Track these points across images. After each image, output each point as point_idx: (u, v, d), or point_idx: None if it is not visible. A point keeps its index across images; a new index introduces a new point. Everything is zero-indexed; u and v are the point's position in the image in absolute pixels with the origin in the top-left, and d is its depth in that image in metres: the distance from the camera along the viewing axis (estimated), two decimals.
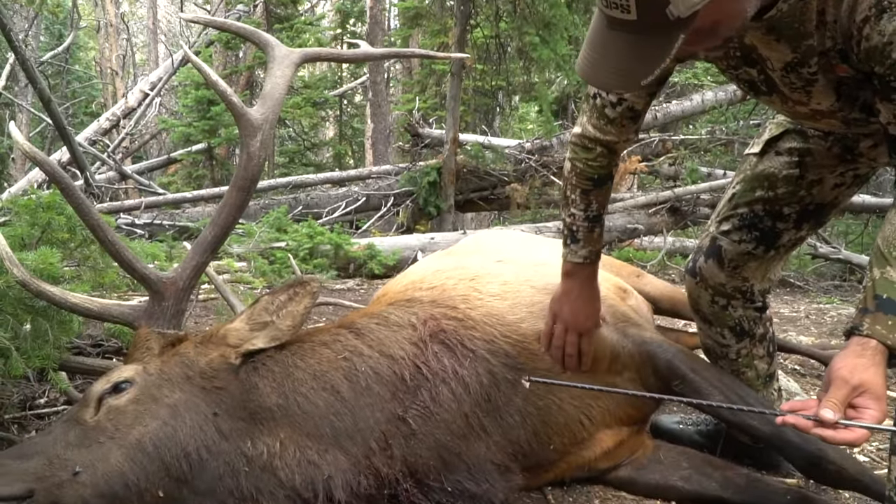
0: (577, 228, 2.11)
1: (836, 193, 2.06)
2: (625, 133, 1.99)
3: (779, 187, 2.06)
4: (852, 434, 1.40)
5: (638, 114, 1.95)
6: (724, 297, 2.18)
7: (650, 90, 1.92)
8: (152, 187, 11.10)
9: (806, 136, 2.03)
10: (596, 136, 1.99)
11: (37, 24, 14.53)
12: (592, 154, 2.02)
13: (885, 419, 1.44)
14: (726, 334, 2.24)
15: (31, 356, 2.05)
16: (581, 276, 2.11)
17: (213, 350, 1.86)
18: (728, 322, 2.21)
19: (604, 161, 2.03)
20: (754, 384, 2.28)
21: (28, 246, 2.47)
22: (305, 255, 6.37)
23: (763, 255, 2.12)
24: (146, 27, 23.30)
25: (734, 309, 2.19)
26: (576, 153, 2.05)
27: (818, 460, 1.93)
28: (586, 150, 2.03)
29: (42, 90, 8.28)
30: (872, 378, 1.43)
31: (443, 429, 1.88)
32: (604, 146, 2.00)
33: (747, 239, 2.11)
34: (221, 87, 2.04)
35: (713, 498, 2.07)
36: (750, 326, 2.22)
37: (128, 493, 1.65)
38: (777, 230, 2.09)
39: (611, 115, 1.95)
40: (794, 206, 2.06)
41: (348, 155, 18.50)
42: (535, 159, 9.52)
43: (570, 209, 2.12)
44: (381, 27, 14.58)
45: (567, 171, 2.11)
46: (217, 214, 2.07)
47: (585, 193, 2.09)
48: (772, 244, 2.11)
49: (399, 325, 2.01)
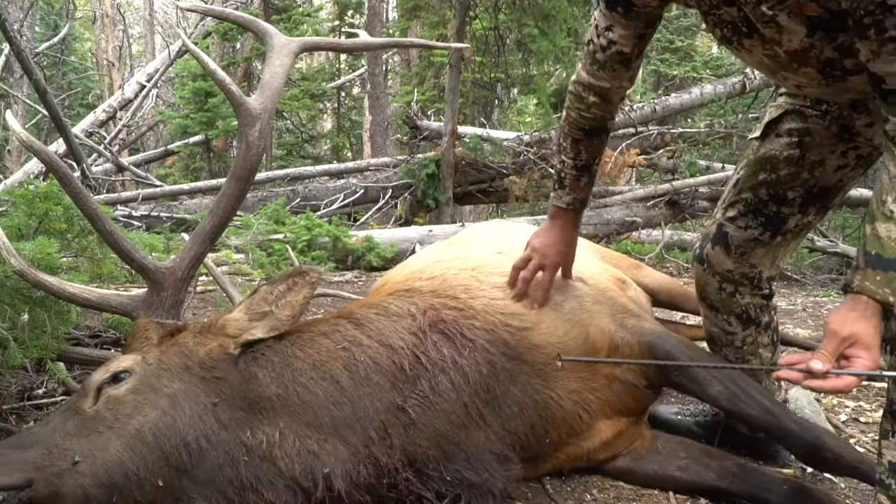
0: (565, 175, 2.19)
1: (839, 175, 2.04)
2: (616, 79, 2.03)
3: (781, 169, 2.05)
4: (842, 381, 1.46)
5: (627, 58, 1.98)
6: (732, 284, 2.18)
7: (637, 33, 1.94)
8: (149, 179, 11.09)
9: (804, 117, 2.02)
10: (589, 81, 2.05)
11: (32, 14, 14.47)
12: (586, 104, 2.08)
13: (876, 368, 1.48)
14: (733, 321, 2.24)
15: (28, 346, 2.05)
16: (563, 219, 2.22)
17: (212, 340, 1.85)
18: (735, 309, 2.21)
19: (597, 112, 2.08)
20: (758, 374, 2.28)
21: (25, 236, 2.46)
22: (304, 247, 6.37)
23: (770, 240, 2.11)
24: (143, 18, 23.23)
25: (741, 296, 2.19)
26: (571, 102, 2.12)
27: (816, 448, 1.94)
28: (580, 99, 2.09)
29: (38, 81, 8.24)
30: (863, 329, 1.48)
31: (442, 418, 1.88)
32: (597, 94, 2.05)
33: (753, 225, 2.10)
34: (220, 76, 2.03)
35: (711, 488, 2.08)
36: (756, 314, 2.23)
37: (127, 482, 1.65)
38: (782, 215, 2.08)
39: (601, 60, 1.99)
40: (798, 190, 2.05)
41: (346, 147, 18.49)
42: (534, 152, 9.50)
43: (561, 156, 2.21)
44: (380, 19, 14.54)
45: (562, 119, 2.19)
46: (216, 204, 2.07)
47: (576, 143, 2.15)
48: (778, 229, 2.10)
49: (398, 314, 2.01)
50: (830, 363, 1.48)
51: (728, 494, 2.06)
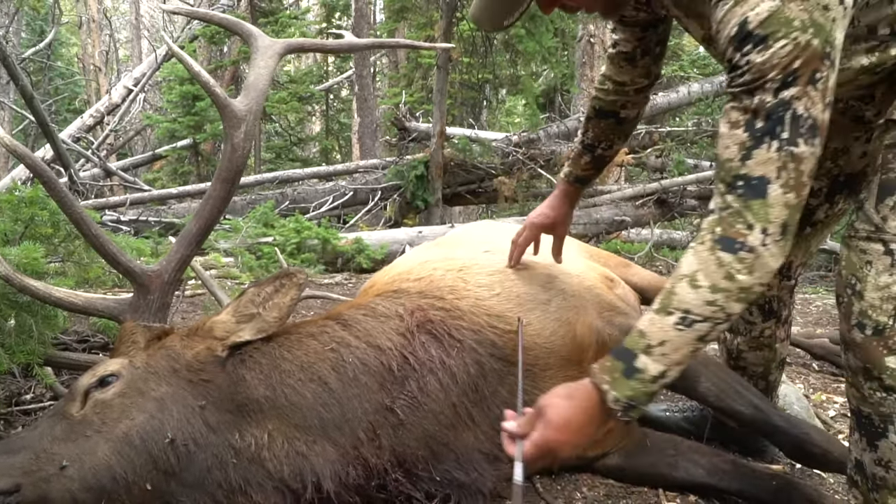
0: (573, 150, 2.34)
1: (865, 162, 1.96)
2: (626, 73, 2.13)
3: None
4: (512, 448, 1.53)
5: (631, 56, 2.10)
6: None
7: (636, 35, 2.06)
8: (137, 184, 11.04)
9: None
10: (607, 72, 2.19)
11: (17, 20, 14.39)
12: (604, 89, 2.20)
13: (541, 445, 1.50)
14: (754, 311, 2.24)
15: (15, 351, 2.04)
16: (559, 189, 2.35)
17: (199, 343, 1.85)
18: (759, 300, 2.20)
19: (613, 98, 2.19)
20: (770, 366, 2.30)
21: (11, 242, 2.45)
22: (293, 249, 6.36)
23: (800, 233, 2.04)
24: (129, 23, 23.14)
25: (769, 288, 2.16)
26: (595, 87, 2.25)
27: (803, 444, 1.96)
28: (601, 83, 2.22)
29: (24, 87, 8.20)
30: (558, 405, 1.52)
31: (431, 419, 1.88)
32: (614, 83, 2.17)
33: None
34: (204, 78, 2.02)
35: (700, 484, 2.08)
36: (778, 307, 2.23)
37: (115, 486, 1.64)
38: (810, 207, 2.01)
39: (610, 56, 2.16)
40: (823, 180, 2.01)
41: (335, 150, 18.46)
42: (523, 152, 9.51)
43: (578, 131, 2.36)
44: (367, 21, 14.53)
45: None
46: (202, 207, 2.06)
47: (588, 120, 2.27)
48: (807, 221, 2.06)
49: (386, 315, 2.01)
50: (524, 431, 1.52)
51: (718, 491, 2.07)
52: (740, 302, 1.41)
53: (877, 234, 1.46)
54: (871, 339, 1.44)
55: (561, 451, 1.52)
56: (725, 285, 1.39)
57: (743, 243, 1.36)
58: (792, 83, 1.30)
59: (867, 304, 1.45)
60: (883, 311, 1.43)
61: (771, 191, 1.34)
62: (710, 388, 2.05)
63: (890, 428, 1.45)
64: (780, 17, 1.28)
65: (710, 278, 1.40)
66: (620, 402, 1.47)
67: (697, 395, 2.08)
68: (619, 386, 1.47)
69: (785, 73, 1.29)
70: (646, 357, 1.46)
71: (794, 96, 1.30)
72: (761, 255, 1.36)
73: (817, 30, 1.28)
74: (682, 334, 1.43)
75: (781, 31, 1.28)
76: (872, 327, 1.44)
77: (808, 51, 1.29)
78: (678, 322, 1.43)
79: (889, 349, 1.43)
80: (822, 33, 1.29)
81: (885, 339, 1.43)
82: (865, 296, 1.45)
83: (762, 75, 1.31)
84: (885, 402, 1.45)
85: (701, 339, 1.44)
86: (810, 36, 1.28)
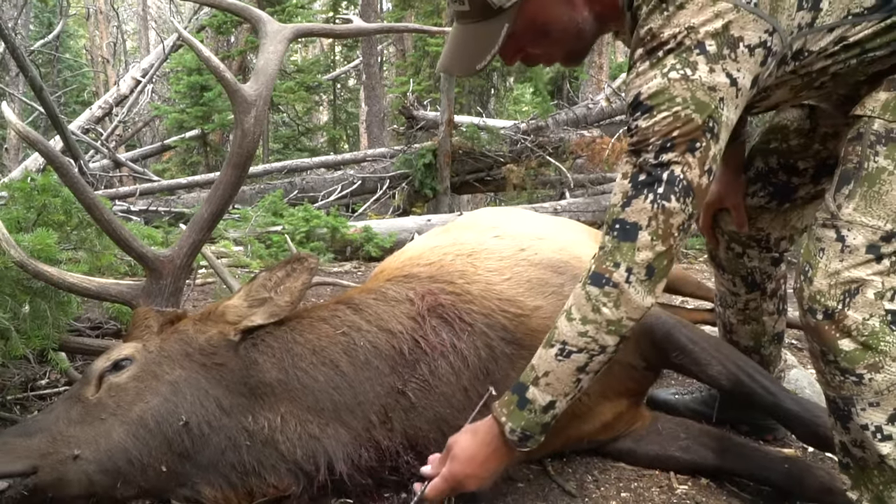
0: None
1: None
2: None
3: (791, 139, 2.04)
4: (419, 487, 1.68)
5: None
6: (740, 245, 2.19)
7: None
8: (147, 174, 11.06)
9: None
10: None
11: (26, 12, 14.42)
12: None
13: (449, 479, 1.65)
14: (737, 282, 2.26)
15: (30, 337, 2.05)
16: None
17: (212, 327, 1.86)
18: (741, 271, 2.23)
19: None
20: (760, 340, 2.30)
21: (25, 229, 2.46)
22: (302, 238, 6.37)
23: (777, 208, 2.11)
24: (136, 14, 23.16)
25: (749, 259, 2.20)
26: None
27: (816, 427, 1.95)
28: None
29: (33, 79, 8.21)
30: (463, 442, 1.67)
31: (442, 402, 1.90)
32: None
33: (761, 193, 2.11)
34: (214, 63, 2.02)
35: (711, 467, 2.09)
36: (762, 279, 2.23)
37: (131, 468, 1.66)
38: (792, 185, 2.07)
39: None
40: (810, 161, 2.03)
41: (343, 139, 18.45)
42: (531, 140, 9.47)
43: None
44: (374, 9, 14.45)
45: None
46: (213, 192, 2.07)
47: None
48: (786, 198, 2.09)
49: (397, 299, 2.02)
50: (436, 471, 1.67)
51: (729, 473, 2.07)
52: (611, 335, 1.55)
53: (831, 220, 1.50)
54: (822, 322, 1.46)
55: (467, 485, 1.65)
56: (593, 317, 1.55)
57: (608, 279, 1.52)
58: (670, 149, 1.46)
59: (815, 289, 1.48)
60: (831, 296, 1.45)
61: (640, 236, 1.50)
62: (721, 371, 2.05)
63: (853, 410, 1.48)
64: (665, 94, 1.44)
65: (580, 311, 1.57)
66: (516, 433, 1.62)
67: (709, 379, 2.08)
68: (514, 418, 1.62)
69: (664, 139, 1.46)
70: (534, 388, 1.61)
71: (672, 160, 1.47)
72: (625, 292, 1.51)
73: (699, 106, 1.44)
74: (562, 365, 1.58)
75: (665, 104, 1.45)
76: (822, 311, 1.46)
77: (689, 124, 1.44)
78: (558, 353, 1.59)
79: (841, 331, 1.44)
80: (705, 110, 1.44)
81: (836, 322, 1.45)
82: (815, 282, 1.48)
83: (645, 138, 1.48)
84: (843, 385, 1.47)
85: (580, 369, 1.58)
86: (691, 111, 1.44)
